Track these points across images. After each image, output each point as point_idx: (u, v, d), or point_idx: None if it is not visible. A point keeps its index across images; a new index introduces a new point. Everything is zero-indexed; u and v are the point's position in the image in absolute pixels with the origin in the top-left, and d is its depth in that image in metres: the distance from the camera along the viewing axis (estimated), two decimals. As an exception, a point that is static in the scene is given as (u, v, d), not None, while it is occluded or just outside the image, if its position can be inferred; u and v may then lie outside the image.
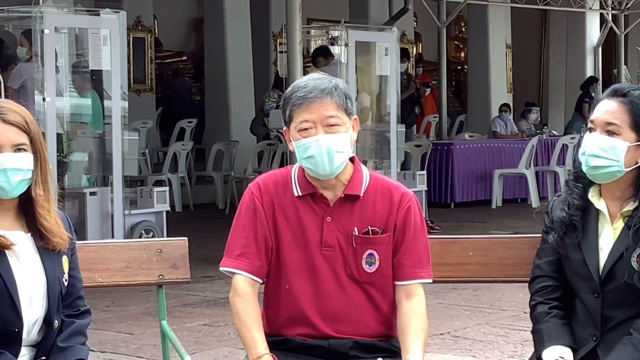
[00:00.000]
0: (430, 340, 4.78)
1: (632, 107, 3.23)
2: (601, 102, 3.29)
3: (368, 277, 3.33)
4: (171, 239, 3.79)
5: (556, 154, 14.97)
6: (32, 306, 3.03)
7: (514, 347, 6.40)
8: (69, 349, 3.09)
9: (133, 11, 15.54)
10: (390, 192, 3.37)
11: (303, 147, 3.26)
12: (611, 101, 3.26)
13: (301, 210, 3.33)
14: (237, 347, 6.14)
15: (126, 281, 3.70)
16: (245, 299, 3.29)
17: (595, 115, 3.28)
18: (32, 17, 8.84)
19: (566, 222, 3.30)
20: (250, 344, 3.24)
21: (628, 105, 3.23)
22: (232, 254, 3.34)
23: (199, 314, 7.46)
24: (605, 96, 3.29)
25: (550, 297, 3.35)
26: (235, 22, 15.81)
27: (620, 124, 3.22)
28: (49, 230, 3.04)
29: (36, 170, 3.04)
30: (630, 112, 3.22)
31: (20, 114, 3.04)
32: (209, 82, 16.32)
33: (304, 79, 3.34)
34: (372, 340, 3.35)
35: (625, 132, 3.22)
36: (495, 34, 19.53)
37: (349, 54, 11.30)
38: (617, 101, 3.25)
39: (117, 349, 6.41)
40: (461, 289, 8.10)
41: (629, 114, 3.22)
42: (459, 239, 3.79)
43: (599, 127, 3.25)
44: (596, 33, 20.98)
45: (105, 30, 9.17)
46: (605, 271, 3.23)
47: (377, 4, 17.25)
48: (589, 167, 3.25)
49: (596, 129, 3.26)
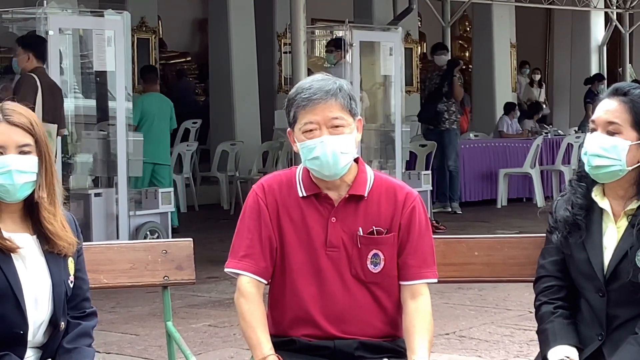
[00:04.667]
0: (435, 340, 4.78)
1: (633, 105, 3.23)
2: (602, 101, 3.29)
3: (373, 277, 3.33)
4: (176, 240, 3.80)
5: (561, 153, 14.95)
6: (37, 308, 3.03)
7: (520, 346, 6.39)
8: (75, 350, 3.09)
9: (137, 12, 15.52)
10: (395, 192, 3.37)
11: (308, 149, 3.26)
12: (612, 100, 3.26)
13: (306, 210, 3.33)
14: (243, 348, 6.14)
15: (131, 282, 3.70)
16: (250, 299, 3.29)
17: (596, 115, 3.28)
18: (37, 19, 8.85)
19: (570, 222, 3.30)
20: (256, 344, 3.24)
21: (629, 104, 3.23)
22: (237, 255, 3.34)
23: (204, 314, 7.46)
24: (606, 96, 3.29)
25: (555, 297, 3.34)
26: (239, 22, 15.81)
27: (621, 123, 3.22)
28: (54, 234, 3.04)
29: (40, 172, 3.04)
30: (631, 111, 3.22)
31: (25, 115, 3.05)
32: (214, 83, 16.32)
33: (308, 80, 3.33)
34: (378, 340, 3.35)
35: (626, 131, 3.22)
36: (499, 33, 19.52)
37: (354, 54, 11.30)
38: (618, 100, 3.24)
39: (122, 350, 6.41)
40: (466, 288, 8.09)
41: (629, 113, 3.22)
42: (464, 239, 3.79)
43: (600, 126, 3.25)
44: (601, 32, 20.95)
45: (109, 31, 9.18)
46: (610, 270, 3.23)
47: (382, 3, 17.25)
48: (591, 166, 3.25)
49: (597, 128, 3.26)
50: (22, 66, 8.58)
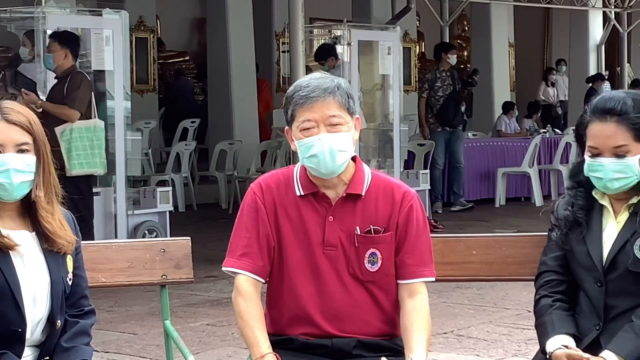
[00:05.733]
0: (433, 339, 4.78)
1: (629, 121, 3.22)
2: (594, 125, 3.26)
3: (371, 276, 3.33)
4: (174, 239, 3.79)
5: (559, 153, 14.96)
6: (35, 306, 3.03)
7: (518, 345, 6.39)
8: (72, 349, 3.09)
9: (135, 11, 15.53)
10: (392, 190, 3.37)
11: (305, 146, 3.26)
12: (607, 125, 3.24)
13: (303, 209, 3.33)
14: (241, 347, 6.14)
15: (129, 281, 3.70)
16: (248, 298, 3.29)
17: (596, 142, 3.25)
18: (35, 18, 8.84)
19: (570, 220, 3.33)
20: (253, 343, 3.24)
21: (625, 122, 3.23)
22: (235, 254, 3.34)
23: (203, 313, 7.46)
24: (598, 119, 3.26)
25: (554, 291, 3.36)
26: (237, 21, 15.81)
27: (626, 142, 3.23)
28: (53, 233, 3.04)
29: (38, 172, 3.04)
30: (629, 127, 3.22)
31: (23, 114, 3.05)
32: (212, 82, 16.32)
33: (306, 79, 3.34)
34: (376, 339, 3.35)
35: (633, 147, 3.24)
36: (498, 32, 19.52)
37: (352, 53, 11.31)
38: (614, 122, 3.23)
39: (120, 349, 6.41)
40: (465, 287, 8.10)
41: (629, 130, 3.23)
42: (462, 238, 3.80)
43: (606, 152, 3.25)
44: (599, 31, 20.96)
45: (107, 30, 9.17)
46: (609, 260, 3.26)
47: (380, 3, 17.25)
48: (609, 188, 3.26)
49: (603, 154, 3.25)
50: (58, 63, 8.55)
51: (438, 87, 13.45)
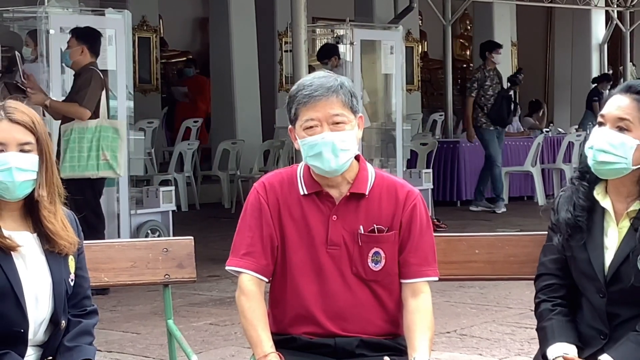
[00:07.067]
0: (436, 339, 4.78)
1: None
2: (613, 96, 3.24)
3: (374, 275, 3.33)
4: (177, 239, 3.79)
5: (562, 152, 14.94)
6: (38, 306, 3.03)
7: (521, 344, 6.39)
8: (75, 348, 3.09)
9: (138, 11, 15.53)
10: (396, 190, 3.36)
11: (309, 145, 3.26)
12: (624, 97, 3.21)
13: (307, 208, 3.33)
14: (244, 347, 6.14)
15: (132, 281, 3.70)
16: (251, 298, 3.30)
17: (606, 110, 3.22)
18: (37, 18, 8.84)
19: (571, 224, 3.27)
20: (257, 342, 3.24)
21: None
22: (238, 253, 3.34)
23: (206, 313, 7.46)
24: (618, 91, 3.24)
25: (554, 295, 3.33)
26: (240, 21, 15.81)
27: (632, 120, 3.17)
28: (55, 234, 3.04)
29: (41, 171, 3.04)
30: None
31: (27, 114, 3.05)
32: (215, 82, 16.32)
33: (309, 77, 3.33)
34: (379, 338, 3.35)
35: (636, 129, 3.18)
36: (500, 31, 19.49)
37: (354, 52, 11.31)
38: (631, 98, 3.20)
39: (123, 349, 6.41)
40: (467, 287, 8.09)
41: None
42: (465, 237, 3.79)
43: (609, 122, 3.20)
44: (602, 30, 20.93)
45: (110, 30, 9.16)
46: (611, 272, 3.21)
47: (383, 2, 17.24)
48: (596, 161, 3.21)
49: (606, 123, 3.20)
50: (74, 59, 8.40)
51: (488, 86, 13.41)
